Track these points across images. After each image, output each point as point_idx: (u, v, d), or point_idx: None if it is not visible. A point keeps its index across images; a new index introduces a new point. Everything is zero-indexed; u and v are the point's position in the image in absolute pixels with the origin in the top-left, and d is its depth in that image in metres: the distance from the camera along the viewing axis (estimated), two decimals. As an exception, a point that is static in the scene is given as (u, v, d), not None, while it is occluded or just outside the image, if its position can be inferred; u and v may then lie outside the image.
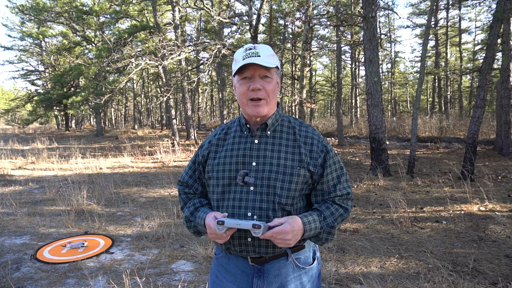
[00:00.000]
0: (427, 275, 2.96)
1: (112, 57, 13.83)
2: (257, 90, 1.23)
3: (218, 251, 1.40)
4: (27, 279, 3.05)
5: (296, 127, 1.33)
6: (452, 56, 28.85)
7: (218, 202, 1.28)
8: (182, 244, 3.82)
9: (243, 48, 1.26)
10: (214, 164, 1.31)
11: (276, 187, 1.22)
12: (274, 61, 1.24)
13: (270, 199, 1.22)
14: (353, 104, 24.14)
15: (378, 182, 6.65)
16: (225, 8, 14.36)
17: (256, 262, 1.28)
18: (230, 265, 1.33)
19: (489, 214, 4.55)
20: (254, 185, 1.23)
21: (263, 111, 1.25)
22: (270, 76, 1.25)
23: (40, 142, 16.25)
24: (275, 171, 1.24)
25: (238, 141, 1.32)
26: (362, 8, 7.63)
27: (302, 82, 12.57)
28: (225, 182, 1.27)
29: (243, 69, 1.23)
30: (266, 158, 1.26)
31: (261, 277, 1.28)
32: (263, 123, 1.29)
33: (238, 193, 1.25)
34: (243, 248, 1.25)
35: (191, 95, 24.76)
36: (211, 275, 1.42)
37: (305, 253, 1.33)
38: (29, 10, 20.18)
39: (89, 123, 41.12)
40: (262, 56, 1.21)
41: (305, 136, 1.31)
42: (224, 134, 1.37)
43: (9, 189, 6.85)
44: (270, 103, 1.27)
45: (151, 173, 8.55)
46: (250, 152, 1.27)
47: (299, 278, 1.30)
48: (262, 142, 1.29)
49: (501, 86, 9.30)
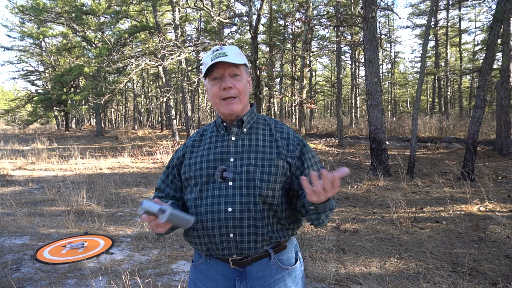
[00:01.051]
0: (427, 275, 2.96)
1: (112, 57, 13.84)
2: (229, 89, 1.23)
3: (196, 258, 1.36)
4: (27, 279, 3.05)
5: (272, 124, 1.35)
6: (452, 56, 28.87)
7: (196, 201, 1.25)
8: (182, 244, 3.82)
9: (210, 51, 1.27)
10: (190, 163, 1.30)
11: (255, 180, 1.21)
12: (242, 59, 1.25)
13: (250, 192, 1.20)
14: (353, 104, 24.15)
15: (378, 183, 6.65)
16: (225, 8, 14.37)
17: (238, 265, 1.24)
18: (210, 270, 1.29)
19: (489, 215, 4.55)
20: (233, 180, 1.22)
21: (237, 108, 1.25)
22: (240, 73, 1.26)
23: (40, 142, 16.24)
24: (254, 164, 1.23)
25: (215, 140, 1.32)
26: (362, 9, 7.63)
27: (302, 83, 12.57)
28: (203, 180, 1.25)
29: (212, 69, 1.24)
30: (243, 153, 1.26)
31: (243, 280, 1.25)
32: (239, 119, 1.30)
33: (217, 190, 1.23)
34: (225, 245, 1.22)
35: (191, 95, 24.77)
36: (190, 284, 1.37)
37: (287, 253, 1.31)
38: (29, 11, 20.18)
39: (89, 123, 41.13)
40: (230, 55, 1.22)
41: (281, 132, 1.32)
42: (200, 135, 1.37)
43: (9, 190, 6.84)
44: (242, 100, 1.27)
45: (151, 174, 8.55)
46: (228, 149, 1.27)
47: (283, 280, 1.27)
48: (239, 139, 1.29)
49: (501, 87, 9.30)
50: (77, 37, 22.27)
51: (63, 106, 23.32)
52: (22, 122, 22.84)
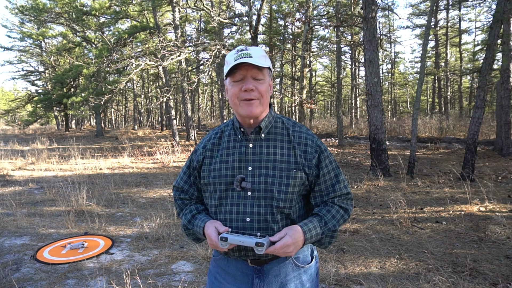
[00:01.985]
0: (427, 275, 2.96)
1: (112, 57, 13.83)
2: (250, 91, 1.21)
3: (216, 253, 1.40)
4: (27, 279, 3.05)
5: (290, 128, 1.32)
6: (452, 56, 28.87)
7: (216, 208, 1.28)
8: (182, 244, 3.82)
9: (235, 50, 1.25)
10: (210, 170, 1.30)
11: (273, 191, 1.21)
12: (266, 62, 1.23)
13: (268, 203, 1.21)
14: (353, 104, 24.15)
15: (378, 183, 6.65)
16: (225, 8, 14.37)
17: (256, 263, 1.28)
18: (229, 266, 1.33)
19: (489, 215, 4.55)
20: (252, 190, 1.23)
21: (256, 111, 1.23)
22: (263, 77, 1.23)
23: (40, 142, 16.24)
24: (272, 175, 1.23)
25: (232, 145, 1.30)
26: (362, 9, 7.64)
27: (302, 83, 12.58)
28: (222, 188, 1.26)
29: (235, 70, 1.21)
30: (261, 162, 1.25)
31: (261, 278, 1.28)
32: (257, 126, 1.28)
33: (236, 199, 1.24)
34: (242, 253, 1.26)
35: (191, 95, 24.77)
36: (209, 276, 1.41)
37: (303, 252, 1.33)
38: (29, 11, 20.17)
39: (89, 123, 41.13)
40: (254, 57, 1.19)
41: (299, 137, 1.30)
42: (218, 138, 1.35)
43: (9, 190, 6.84)
44: (263, 104, 1.25)
45: (151, 174, 8.55)
46: (246, 156, 1.26)
47: (299, 277, 1.30)
48: (257, 146, 1.27)
49: (501, 87, 9.30)
50: (77, 38, 22.27)
51: (63, 106, 23.31)
52: (22, 122, 22.84)
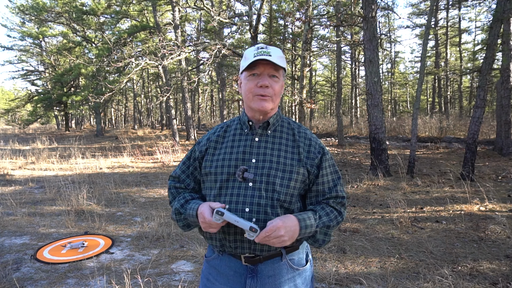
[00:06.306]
0: (427, 275, 2.96)
1: (112, 57, 13.83)
2: (265, 87, 1.25)
3: (209, 253, 1.38)
4: (27, 279, 3.05)
5: (295, 129, 1.36)
6: (452, 56, 28.86)
7: (215, 198, 1.27)
8: (182, 244, 3.82)
9: (255, 47, 1.28)
10: (213, 160, 1.31)
11: (275, 184, 1.22)
12: (283, 63, 1.27)
13: (269, 196, 1.22)
14: (353, 104, 24.16)
15: (378, 182, 6.65)
16: (225, 8, 14.36)
17: (250, 262, 1.26)
18: (222, 266, 1.31)
19: (489, 214, 4.55)
20: (253, 181, 1.23)
21: (268, 106, 1.26)
22: (278, 76, 1.28)
23: (40, 142, 16.24)
24: (275, 168, 1.25)
25: (238, 138, 1.32)
26: (362, 8, 7.63)
27: (302, 82, 12.58)
28: (223, 177, 1.27)
29: (254, 66, 1.25)
30: (266, 155, 1.27)
31: (254, 278, 1.27)
32: (265, 121, 1.31)
33: (236, 189, 1.24)
34: (238, 244, 1.24)
35: (191, 95, 24.77)
36: (202, 278, 1.40)
37: (298, 254, 1.33)
38: (29, 10, 20.18)
39: (89, 123, 41.13)
40: (273, 56, 1.23)
41: (304, 137, 1.33)
42: (224, 131, 1.38)
43: (9, 189, 6.85)
44: (275, 102, 1.29)
45: (151, 173, 8.55)
46: (250, 149, 1.28)
47: (293, 280, 1.29)
48: (262, 141, 1.30)
49: (501, 86, 9.30)
50: (77, 37, 22.26)
51: (63, 106, 23.31)
52: (22, 122, 22.84)
